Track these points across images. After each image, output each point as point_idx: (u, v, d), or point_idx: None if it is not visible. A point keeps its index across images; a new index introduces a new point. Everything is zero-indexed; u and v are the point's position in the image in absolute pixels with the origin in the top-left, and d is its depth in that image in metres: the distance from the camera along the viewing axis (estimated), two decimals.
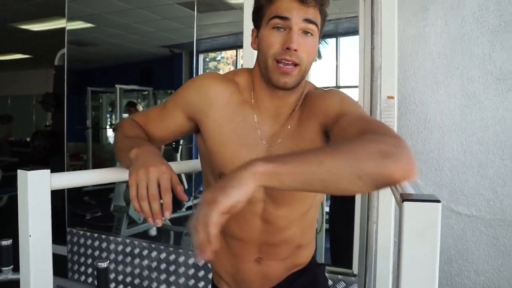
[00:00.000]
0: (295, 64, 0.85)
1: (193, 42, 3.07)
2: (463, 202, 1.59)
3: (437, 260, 0.56)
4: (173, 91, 3.30)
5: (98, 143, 3.78)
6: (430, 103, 1.61)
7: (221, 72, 2.94)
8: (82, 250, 2.42)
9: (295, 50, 0.83)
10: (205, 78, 0.97)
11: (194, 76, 2.82)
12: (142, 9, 2.78)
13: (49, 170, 0.87)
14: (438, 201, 0.56)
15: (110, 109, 4.16)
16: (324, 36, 0.96)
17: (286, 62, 0.85)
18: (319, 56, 1.61)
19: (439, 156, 1.62)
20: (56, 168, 3.88)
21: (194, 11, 2.57)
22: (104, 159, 3.74)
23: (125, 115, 4.00)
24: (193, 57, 3.04)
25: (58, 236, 3.35)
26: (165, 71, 3.38)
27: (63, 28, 6.07)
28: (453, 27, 1.57)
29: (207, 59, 3.02)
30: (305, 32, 0.85)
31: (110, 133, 4.03)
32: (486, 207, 1.56)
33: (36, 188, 0.85)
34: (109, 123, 4.15)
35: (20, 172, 0.85)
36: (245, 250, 0.99)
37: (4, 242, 1.74)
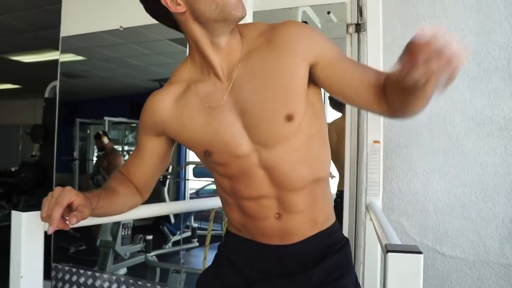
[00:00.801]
0: None
1: None
2: (448, 244, 1.62)
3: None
4: None
5: (84, 174, 3.76)
6: (414, 146, 1.67)
7: None
8: (67, 286, 2.39)
9: None
10: (148, 100, 1.05)
11: None
12: (133, 44, 2.83)
13: (39, 212, 0.88)
14: (420, 253, 0.59)
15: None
16: None
17: None
18: None
19: (423, 198, 1.66)
20: (41, 199, 3.87)
21: (185, 47, 2.63)
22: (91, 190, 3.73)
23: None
24: None
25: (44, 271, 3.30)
26: None
27: (53, 60, 6.13)
28: None
29: None
30: None
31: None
32: (470, 248, 1.59)
33: (30, 230, 0.86)
34: (95, 154, 4.21)
35: (14, 213, 0.86)
36: (263, 208, 0.99)
37: None
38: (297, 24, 0.98)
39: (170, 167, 3.18)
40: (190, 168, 3.03)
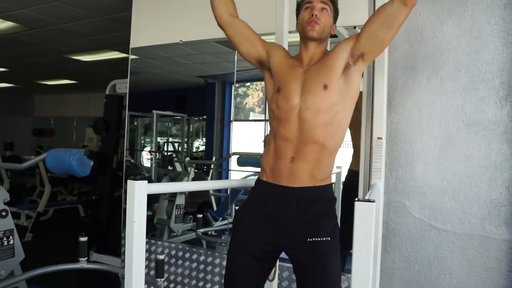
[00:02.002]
0: (316, 23, 1.56)
1: (225, 74, 3.46)
2: (441, 220, 2.01)
3: (372, 233, 1.02)
4: (205, 117, 3.67)
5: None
6: (416, 142, 2.07)
7: (250, 97, 3.34)
8: None
9: (316, 15, 1.56)
10: (282, 48, 1.78)
11: (226, 103, 3.25)
12: (182, 45, 3.01)
13: (146, 181, 1.37)
14: (373, 201, 1.01)
15: (142, 132, 4.57)
16: None
17: (311, 21, 1.56)
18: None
19: (422, 183, 2.06)
20: (104, 184, 4.41)
21: (230, 48, 2.80)
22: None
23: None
24: (225, 86, 3.48)
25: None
26: (199, 99, 3.68)
27: (108, 59, 6.71)
28: (435, 84, 2.04)
29: (237, 85, 3.26)
30: (322, 9, 1.57)
31: (144, 154, 4.46)
32: (458, 224, 1.98)
33: (139, 192, 1.35)
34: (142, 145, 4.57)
35: (129, 182, 1.36)
36: (286, 149, 1.55)
37: (82, 239, 2.24)
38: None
39: (214, 158, 3.47)
40: (233, 160, 3.20)
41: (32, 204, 6.20)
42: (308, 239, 1.50)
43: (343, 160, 2.33)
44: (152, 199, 3.59)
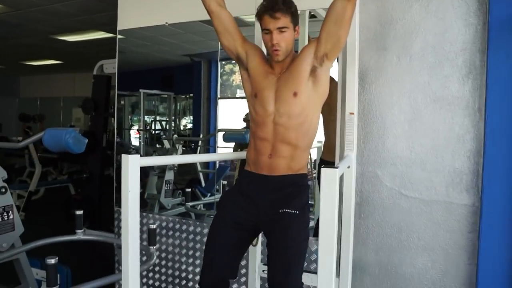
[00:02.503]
0: (278, 50, 1.71)
1: (211, 52, 3.46)
2: (410, 188, 2.19)
3: (336, 196, 1.19)
4: (192, 96, 3.77)
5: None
6: (387, 116, 2.23)
7: (236, 74, 3.40)
8: None
9: (276, 44, 1.69)
10: (259, 49, 1.91)
11: (212, 81, 3.35)
12: (171, 25, 2.99)
13: (139, 155, 1.52)
14: (337, 167, 1.17)
15: (130, 111, 4.61)
16: None
17: (273, 50, 1.72)
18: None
19: (393, 155, 2.23)
20: (94, 163, 4.55)
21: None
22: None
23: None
24: (210, 64, 3.55)
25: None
26: (185, 77, 3.72)
27: (94, 39, 6.73)
28: (404, 63, 2.19)
29: (223, 62, 3.30)
30: (280, 32, 1.69)
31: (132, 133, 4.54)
32: (425, 191, 2.15)
33: (133, 165, 1.50)
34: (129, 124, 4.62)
35: (123, 156, 1.50)
36: (264, 148, 1.77)
37: (78, 212, 2.38)
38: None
39: (201, 135, 3.56)
40: (220, 137, 3.26)
41: (22, 184, 6.30)
42: (280, 210, 1.72)
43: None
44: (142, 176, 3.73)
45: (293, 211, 1.71)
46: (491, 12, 1.95)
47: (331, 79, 2.13)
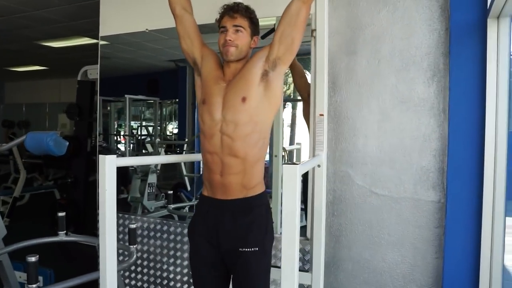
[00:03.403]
0: (231, 46, 1.70)
1: None
2: (380, 186, 2.29)
3: (297, 191, 1.27)
4: (178, 101, 3.81)
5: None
6: (357, 118, 2.32)
7: None
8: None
9: (230, 40, 1.70)
10: (215, 55, 1.88)
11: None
12: (153, 32, 3.07)
13: (115, 155, 1.60)
14: (297, 164, 1.26)
15: (116, 116, 4.60)
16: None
17: (225, 46, 1.72)
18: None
19: (364, 154, 2.32)
20: (79, 167, 4.57)
21: None
22: None
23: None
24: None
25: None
26: (171, 82, 3.70)
27: (79, 45, 6.75)
28: (373, 66, 2.29)
29: None
30: (236, 31, 1.72)
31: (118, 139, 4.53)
32: (394, 189, 2.25)
33: (109, 164, 1.57)
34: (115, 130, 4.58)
35: (101, 156, 1.58)
36: (214, 163, 1.73)
37: (60, 214, 2.44)
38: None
39: (186, 139, 3.62)
40: None
41: (7, 190, 6.30)
42: (240, 249, 1.73)
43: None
44: (126, 181, 3.79)
45: (252, 249, 1.71)
46: (452, 18, 2.06)
47: None
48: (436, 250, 2.18)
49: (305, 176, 2.30)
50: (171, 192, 3.62)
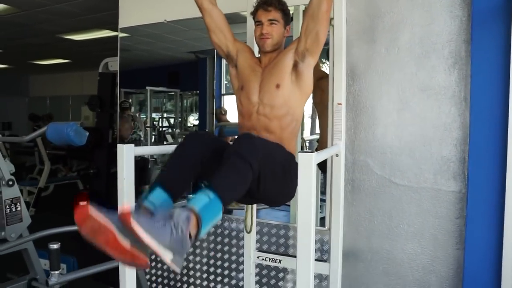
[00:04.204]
0: (267, 38, 1.82)
1: (215, 48, 3.56)
2: (399, 176, 2.26)
3: (313, 179, 1.27)
4: (198, 92, 3.84)
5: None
6: (377, 107, 2.30)
7: None
8: None
9: (266, 32, 1.82)
10: (249, 47, 2.02)
11: (216, 77, 3.41)
12: (172, 23, 3.10)
13: (133, 145, 1.61)
14: (312, 152, 1.25)
15: (138, 108, 4.67)
16: None
17: (261, 38, 1.84)
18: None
19: (383, 144, 2.29)
20: (100, 158, 4.64)
21: None
22: None
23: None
24: (215, 61, 3.61)
25: None
26: (191, 74, 3.73)
27: (100, 38, 6.84)
28: (392, 54, 2.25)
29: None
30: (271, 23, 1.82)
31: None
32: (414, 178, 2.22)
33: (127, 154, 1.59)
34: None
35: (119, 146, 1.60)
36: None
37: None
38: None
39: (207, 129, 3.52)
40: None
41: (33, 181, 6.46)
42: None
43: None
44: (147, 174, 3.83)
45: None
46: (474, 4, 2.00)
47: (326, 76, 2.21)
48: (457, 241, 2.15)
49: (325, 166, 2.29)
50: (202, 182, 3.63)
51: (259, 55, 1.96)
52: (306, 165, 1.26)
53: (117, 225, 1.18)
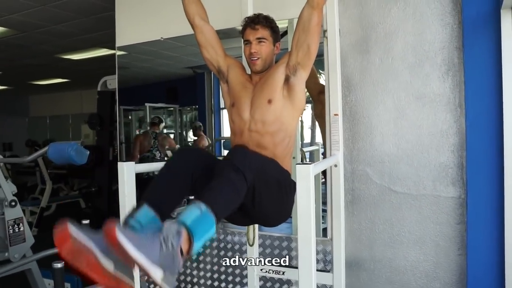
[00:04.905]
0: (257, 58, 1.80)
1: None
2: (398, 184, 2.27)
3: (311, 190, 1.28)
4: (197, 107, 3.86)
5: (128, 157, 4.08)
6: (373, 116, 2.31)
7: None
8: None
9: (254, 52, 1.80)
10: (240, 63, 2.00)
11: (215, 92, 3.43)
12: (169, 40, 3.08)
13: (133, 162, 1.64)
14: (310, 163, 1.26)
15: (137, 125, 4.65)
16: None
17: (251, 59, 1.82)
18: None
19: (381, 152, 2.31)
20: (102, 176, 4.66)
21: None
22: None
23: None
24: (213, 76, 3.58)
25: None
26: (189, 89, 3.74)
27: (98, 57, 6.89)
28: (386, 64, 2.28)
29: None
30: (259, 42, 1.80)
31: None
32: (413, 186, 2.23)
33: (128, 171, 1.61)
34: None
35: (119, 163, 1.62)
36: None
37: (84, 221, 2.50)
38: None
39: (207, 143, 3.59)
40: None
41: (35, 201, 6.45)
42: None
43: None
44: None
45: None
46: (464, 11, 2.04)
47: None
48: (458, 247, 2.15)
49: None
50: (192, 197, 3.63)
51: (250, 73, 1.94)
52: (304, 177, 1.28)
53: (99, 246, 1.10)
